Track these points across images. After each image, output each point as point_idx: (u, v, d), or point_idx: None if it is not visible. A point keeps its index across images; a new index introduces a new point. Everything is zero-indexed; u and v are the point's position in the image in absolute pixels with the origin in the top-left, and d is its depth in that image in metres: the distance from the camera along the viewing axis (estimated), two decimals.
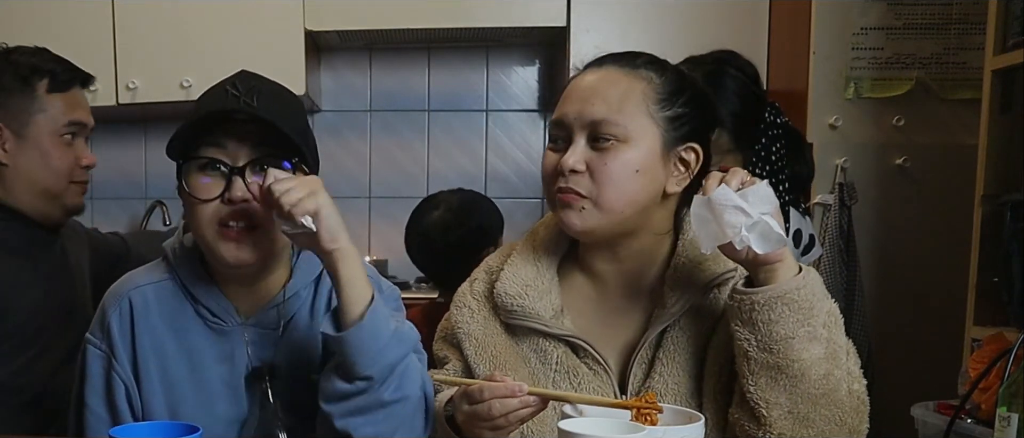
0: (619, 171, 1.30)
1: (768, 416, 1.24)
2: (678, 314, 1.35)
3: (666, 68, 1.37)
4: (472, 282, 1.47)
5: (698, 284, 1.36)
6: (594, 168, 1.30)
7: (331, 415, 1.29)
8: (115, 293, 1.44)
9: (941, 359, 2.21)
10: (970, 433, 1.68)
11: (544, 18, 3.11)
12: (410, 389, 1.29)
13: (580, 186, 1.31)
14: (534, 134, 3.57)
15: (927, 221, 2.66)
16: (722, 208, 1.20)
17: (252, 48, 3.05)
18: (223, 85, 1.33)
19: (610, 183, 1.30)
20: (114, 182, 3.61)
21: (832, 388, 1.24)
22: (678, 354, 1.35)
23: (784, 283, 1.22)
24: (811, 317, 1.22)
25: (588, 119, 1.30)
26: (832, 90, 2.71)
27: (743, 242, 1.20)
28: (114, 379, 1.40)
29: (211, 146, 1.31)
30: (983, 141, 2.20)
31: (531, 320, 1.38)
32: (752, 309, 1.22)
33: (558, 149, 1.34)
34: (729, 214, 1.20)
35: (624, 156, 1.30)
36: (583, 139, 1.31)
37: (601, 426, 1.08)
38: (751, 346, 1.23)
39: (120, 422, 1.38)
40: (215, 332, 1.40)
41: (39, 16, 3.15)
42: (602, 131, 1.30)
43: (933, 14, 2.68)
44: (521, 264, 1.41)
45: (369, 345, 1.25)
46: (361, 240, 3.56)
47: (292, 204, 1.23)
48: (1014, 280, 2.06)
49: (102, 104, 3.17)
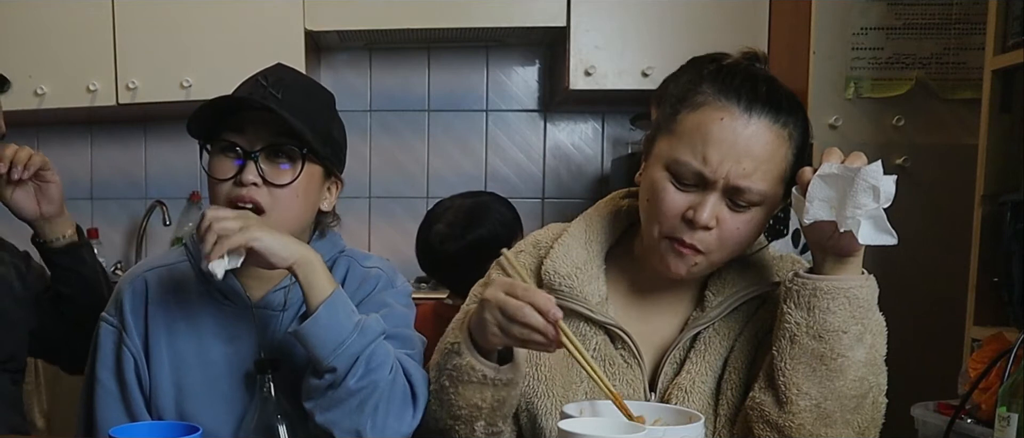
0: (744, 235, 1.29)
1: (795, 403, 1.24)
2: (716, 319, 1.36)
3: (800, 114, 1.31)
4: (518, 253, 1.46)
5: (743, 290, 1.36)
6: (724, 226, 1.27)
7: (312, 412, 1.33)
8: (131, 274, 1.51)
9: (941, 359, 2.21)
10: (970, 433, 1.68)
11: (544, 18, 3.11)
12: (378, 375, 1.31)
13: (703, 244, 1.28)
14: (534, 134, 3.57)
15: (927, 221, 2.65)
16: (862, 184, 1.16)
17: (252, 48, 3.04)
18: (256, 76, 1.42)
19: (733, 243, 1.29)
20: (114, 182, 3.61)
21: (862, 394, 1.25)
22: (708, 354, 1.36)
23: (851, 278, 1.23)
24: (865, 319, 1.24)
25: (734, 183, 1.25)
26: (832, 90, 2.71)
27: (849, 226, 1.17)
28: (124, 353, 1.45)
29: (233, 130, 1.39)
30: (983, 141, 2.20)
31: (578, 303, 1.37)
32: (813, 294, 1.23)
33: (685, 189, 1.28)
34: (863, 193, 1.17)
35: (755, 220, 1.29)
36: (719, 193, 1.26)
37: (601, 426, 1.08)
38: (800, 330, 1.24)
39: (129, 395, 1.44)
40: (224, 312, 1.45)
41: (39, 16, 3.15)
42: (745, 197, 1.26)
43: (933, 14, 2.68)
44: (574, 245, 1.40)
45: (327, 337, 1.28)
46: (361, 240, 3.56)
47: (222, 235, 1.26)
48: (1014, 280, 2.06)
49: (102, 104, 3.18)
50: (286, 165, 1.39)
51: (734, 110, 1.26)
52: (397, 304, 1.46)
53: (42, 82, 3.17)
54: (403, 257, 3.52)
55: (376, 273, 1.50)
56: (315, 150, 1.40)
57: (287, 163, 1.39)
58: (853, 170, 1.17)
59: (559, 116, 3.55)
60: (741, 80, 1.29)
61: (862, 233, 1.18)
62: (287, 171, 1.39)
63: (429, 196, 3.55)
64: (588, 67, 3.08)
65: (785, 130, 1.27)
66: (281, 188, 1.38)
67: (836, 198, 1.19)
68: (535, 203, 3.51)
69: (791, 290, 1.26)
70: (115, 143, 3.60)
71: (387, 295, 1.47)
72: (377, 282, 1.48)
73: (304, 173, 1.40)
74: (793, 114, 1.29)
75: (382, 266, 1.52)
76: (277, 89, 1.38)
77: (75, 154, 3.61)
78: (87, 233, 1.85)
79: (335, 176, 1.50)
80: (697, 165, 1.26)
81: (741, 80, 1.29)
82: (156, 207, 3.56)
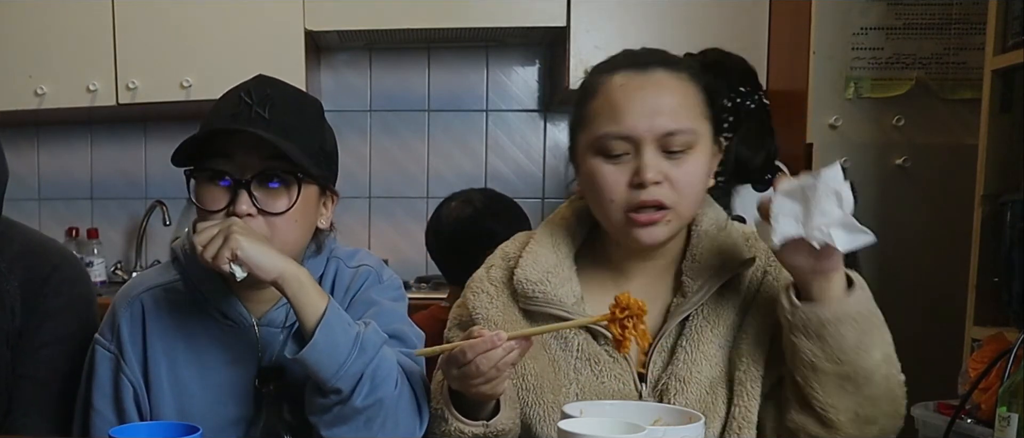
0: (694, 178, 1.31)
1: (838, 420, 1.26)
2: (700, 302, 1.36)
3: (692, 63, 1.38)
4: (489, 269, 1.46)
5: (719, 271, 1.36)
6: (672, 178, 1.29)
7: (317, 425, 1.31)
8: (126, 294, 1.45)
9: (941, 359, 2.21)
10: (970, 433, 1.68)
11: (544, 18, 3.11)
12: (384, 391, 1.29)
13: (664, 197, 1.29)
14: (534, 134, 3.57)
15: (927, 221, 2.65)
16: (825, 189, 1.14)
17: (252, 48, 3.05)
18: (238, 91, 1.34)
19: (690, 191, 1.31)
20: (114, 182, 3.61)
21: (891, 387, 1.27)
22: (702, 343, 1.35)
23: (852, 301, 1.22)
24: (871, 325, 1.24)
25: (661, 131, 1.28)
26: (832, 90, 2.70)
27: (821, 237, 1.15)
28: (122, 381, 1.40)
29: (220, 156, 1.32)
30: (983, 141, 2.20)
31: (552, 307, 1.37)
32: (821, 327, 1.22)
33: (619, 162, 1.31)
34: (827, 200, 1.15)
35: (698, 162, 1.31)
36: (654, 150, 1.29)
37: (601, 426, 1.08)
38: (819, 359, 1.23)
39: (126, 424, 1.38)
40: (226, 334, 1.41)
41: (39, 16, 3.15)
42: (675, 142, 1.29)
43: (933, 14, 2.68)
44: (541, 251, 1.41)
45: (328, 361, 1.26)
46: (361, 240, 3.56)
47: (211, 256, 1.24)
48: (1014, 280, 2.06)
49: (102, 104, 3.18)
50: (277, 184, 1.32)
51: (628, 73, 1.33)
52: (385, 300, 1.44)
53: (42, 82, 3.17)
54: (403, 257, 3.53)
55: (364, 271, 1.46)
56: (310, 172, 1.33)
57: (280, 184, 1.32)
58: (814, 176, 1.16)
59: (559, 116, 3.55)
60: (622, 55, 1.38)
61: (838, 240, 1.15)
62: (282, 196, 1.33)
63: (429, 196, 3.55)
64: (588, 67, 3.05)
65: (685, 74, 1.33)
66: (278, 216, 1.32)
67: (801, 211, 1.17)
68: (535, 203, 3.51)
69: (795, 324, 1.24)
70: (115, 143, 3.60)
71: (374, 292, 1.44)
72: (364, 280, 1.45)
73: (301, 197, 1.33)
74: (686, 66, 1.36)
75: (369, 262, 1.48)
76: (263, 106, 1.30)
77: (75, 154, 3.61)
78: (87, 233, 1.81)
79: (331, 191, 1.43)
80: (616, 130, 1.30)
81: (622, 55, 1.38)
82: (156, 207, 3.56)
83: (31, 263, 1.58)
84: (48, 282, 1.57)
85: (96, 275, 3.38)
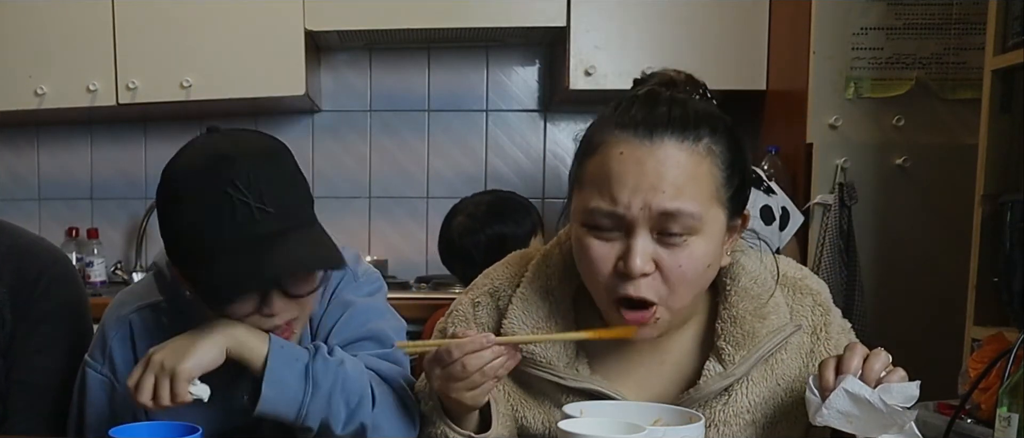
0: (693, 270, 1.16)
1: None
2: (743, 374, 1.24)
3: (718, 127, 1.18)
4: (475, 306, 1.35)
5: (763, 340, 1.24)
6: (664, 269, 1.15)
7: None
8: (115, 316, 1.43)
9: (941, 359, 2.21)
10: (970, 433, 1.68)
11: (544, 18, 3.10)
12: (362, 412, 1.27)
13: (651, 293, 1.16)
14: (534, 134, 3.57)
15: (927, 221, 2.65)
16: (887, 421, 1.08)
17: (252, 48, 3.03)
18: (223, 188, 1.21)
19: (683, 285, 1.16)
20: (114, 182, 3.61)
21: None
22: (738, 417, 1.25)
23: None
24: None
25: (657, 210, 1.13)
26: (832, 90, 2.70)
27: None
28: (118, 403, 1.39)
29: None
30: (983, 141, 2.20)
31: (543, 370, 1.27)
32: None
33: (608, 239, 1.16)
34: (888, 419, 1.08)
35: (697, 252, 1.15)
36: (647, 233, 1.14)
37: (601, 426, 1.08)
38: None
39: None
40: None
41: (39, 16, 3.15)
42: (673, 225, 1.13)
43: (933, 14, 2.68)
44: (532, 298, 1.30)
45: (285, 407, 1.24)
46: (361, 240, 3.56)
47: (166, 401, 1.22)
48: (1014, 280, 2.06)
49: (102, 104, 3.18)
50: None
51: (632, 140, 1.15)
52: (360, 298, 1.42)
53: (42, 82, 3.16)
54: (403, 257, 3.54)
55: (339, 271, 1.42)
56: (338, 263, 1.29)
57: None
58: (885, 404, 1.07)
59: (559, 116, 3.55)
60: (638, 107, 1.18)
61: None
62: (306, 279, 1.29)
63: (429, 196, 3.55)
64: (588, 67, 3.08)
65: (699, 145, 1.15)
66: (305, 297, 1.30)
67: (859, 417, 1.09)
68: (535, 203, 3.50)
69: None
70: (115, 143, 3.60)
71: (348, 292, 1.42)
72: (339, 281, 1.42)
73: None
74: (707, 127, 1.17)
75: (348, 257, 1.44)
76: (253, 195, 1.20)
77: (75, 154, 3.60)
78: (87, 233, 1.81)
79: None
80: (607, 206, 1.15)
81: (638, 107, 1.18)
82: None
83: (19, 265, 1.56)
84: (37, 285, 1.56)
85: (96, 275, 3.38)
